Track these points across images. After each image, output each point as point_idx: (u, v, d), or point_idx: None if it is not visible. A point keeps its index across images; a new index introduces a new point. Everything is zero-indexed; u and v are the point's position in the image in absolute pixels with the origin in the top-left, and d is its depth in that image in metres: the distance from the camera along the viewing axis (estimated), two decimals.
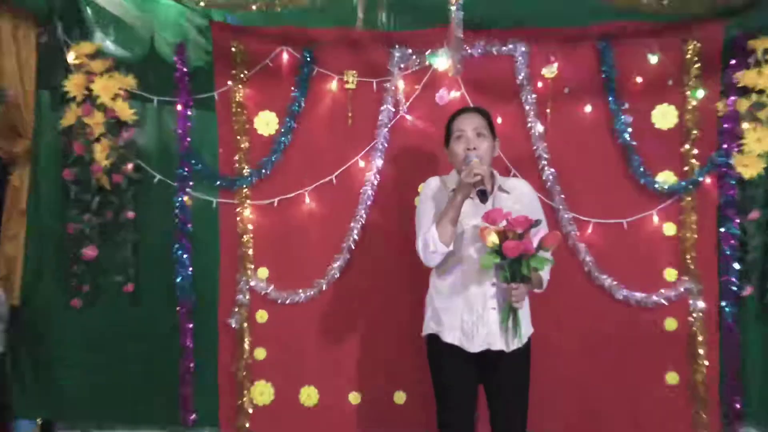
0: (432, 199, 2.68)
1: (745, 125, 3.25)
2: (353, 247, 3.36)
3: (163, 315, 3.37)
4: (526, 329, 2.67)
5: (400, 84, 3.33)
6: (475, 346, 2.58)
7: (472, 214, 2.62)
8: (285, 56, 3.35)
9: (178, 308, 3.34)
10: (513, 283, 2.48)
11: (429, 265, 2.65)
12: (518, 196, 2.70)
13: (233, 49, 3.33)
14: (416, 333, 2.81)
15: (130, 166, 3.32)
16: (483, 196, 2.46)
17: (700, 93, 3.29)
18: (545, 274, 2.68)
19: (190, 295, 3.34)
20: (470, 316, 2.59)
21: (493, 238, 2.44)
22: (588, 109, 3.34)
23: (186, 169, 3.36)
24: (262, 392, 3.39)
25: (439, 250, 2.53)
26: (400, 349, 3.32)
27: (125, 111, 3.31)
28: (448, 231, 2.52)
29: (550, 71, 3.33)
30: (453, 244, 2.56)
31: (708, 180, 3.30)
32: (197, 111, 3.37)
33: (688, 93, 3.30)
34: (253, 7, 3.05)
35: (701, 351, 3.30)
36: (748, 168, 3.25)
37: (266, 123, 3.38)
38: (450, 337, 2.62)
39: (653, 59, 3.28)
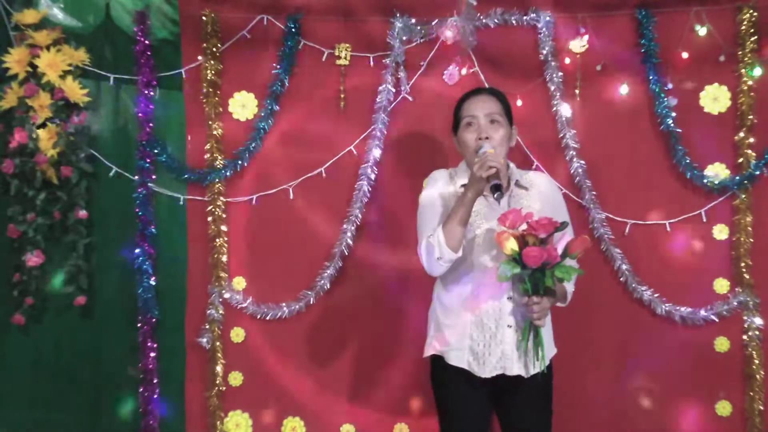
0: (438, 195, 2.48)
1: None
2: (346, 253, 3.15)
3: (121, 333, 3.19)
4: (549, 350, 2.46)
5: (402, 60, 3.12)
6: (486, 371, 2.40)
7: (486, 215, 2.42)
8: (265, 26, 3.14)
9: (138, 325, 3.14)
10: (535, 297, 2.29)
11: (433, 274, 2.45)
12: (538, 193, 2.51)
13: (204, 18, 3.12)
14: (421, 355, 2.65)
15: (81, 156, 3.13)
16: (497, 191, 2.26)
17: (758, 71, 3.05)
18: (570, 285, 2.48)
19: (153, 309, 3.15)
20: (481, 334, 2.41)
21: (512, 245, 2.23)
22: (624, 89, 3.12)
23: (148, 159, 3.15)
24: (238, 424, 3.20)
25: (445, 257, 2.33)
26: (402, 373, 3.15)
27: (76, 91, 3.12)
28: (457, 234, 2.31)
29: (579, 45, 3.10)
30: (462, 250, 2.36)
31: (766, 174, 3.07)
32: (161, 91, 3.18)
33: (743, 71, 3.07)
34: None
35: (758, 376, 3.09)
36: None
37: (243, 105, 3.18)
38: (457, 359, 2.44)
39: (702, 31, 3.05)
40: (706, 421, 3.16)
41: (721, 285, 3.14)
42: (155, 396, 3.16)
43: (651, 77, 3.09)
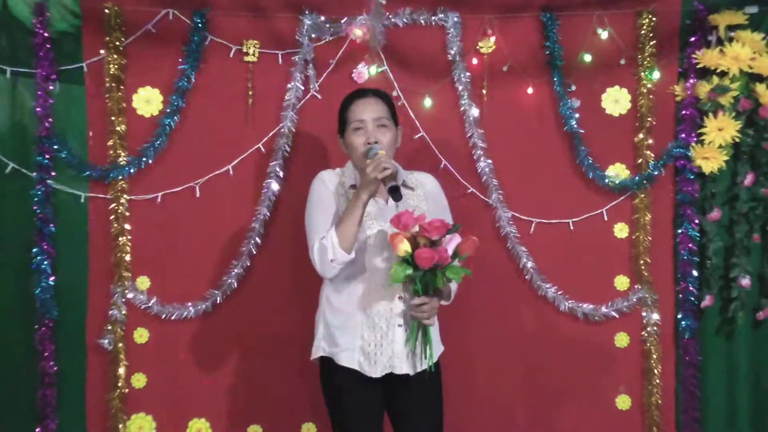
0: (328, 196, 2.49)
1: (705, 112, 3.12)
2: (254, 252, 3.12)
3: (17, 335, 3.06)
4: (436, 348, 2.51)
5: (311, 57, 3.11)
6: (377, 370, 2.42)
7: (377, 215, 2.45)
8: (171, 20, 3.07)
9: (36, 326, 3.03)
10: (425, 297, 2.33)
11: (326, 276, 2.46)
12: (425, 193, 2.56)
13: (106, 11, 3.03)
14: None
15: None
16: (395, 193, 2.28)
17: (656, 75, 3.14)
18: (454, 284, 2.50)
19: (52, 310, 3.04)
20: (372, 334, 2.43)
21: (405, 247, 2.27)
22: (530, 90, 3.17)
23: (47, 156, 3.04)
24: (141, 427, 3.13)
25: (339, 259, 2.35)
26: (310, 373, 2.96)
27: None
28: (351, 235, 2.34)
29: (486, 45, 3.14)
30: (354, 252, 2.39)
31: (664, 174, 3.17)
32: (62, 85, 3.07)
33: (643, 74, 3.15)
34: None
35: (656, 371, 3.18)
36: (708, 161, 3.10)
37: (148, 101, 3.11)
38: (347, 359, 2.45)
39: (603, 35, 3.13)
40: (608, 415, 3.22)
41: (622, 282, 3.21)
42: (53, 399, 3.06)
43: (555, 79, 3.14)
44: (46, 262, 3.04)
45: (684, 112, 3.16)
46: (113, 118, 3.08)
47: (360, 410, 2.46)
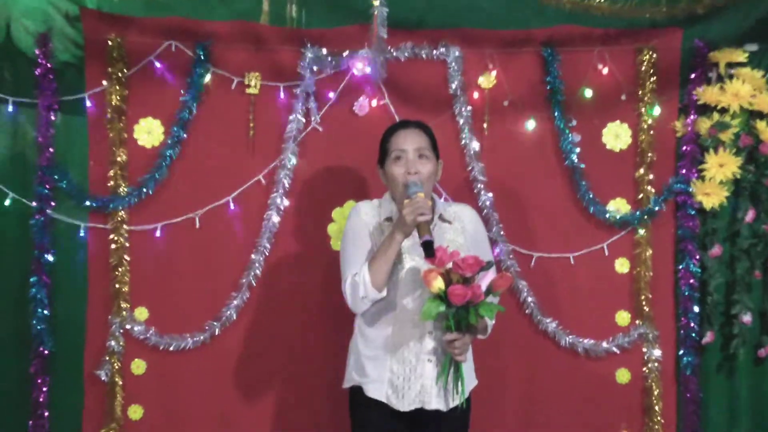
0: (364, 229, 2.49)
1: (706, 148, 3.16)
2: (254, 284, 3.13)
3: (11, 365, 3.07)
4: (469, 383, 2.50)
5: (312, 90, 3.13)
6: (405, 404, 2.41)
7: (409, 249, 2.44)
8: (173, 52, 3.11)
9: (30, 357, 3.03)
10: (457, 333, 2.32)
11: (357, 311, 2.48)
12: (462, 228, 2.55)
13: (109, 43, 3.06)
14: (328, 387, 2.74)
15: None
16: (428, 249, 2.26)
17: (657, 110, 3.19)
18: (490, 319, 2.51)
19: (48, 341, 3.04)
20: (401, 368, 2.43)
21: (439, 284, 2.27)
22: (531, 125, 3.20)
23: (47, 185, 3.06)
24: None
25: (370, 296, 2.37)
26: (307, 405, 3.14)
27: None
28: (383, 274, 2.36)
29: (487, 80, 3.18)
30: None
31: (665, 210, 3.20)
32: (63, 116, 3.10)
33: (643, 110, 3.19)
34: None
35: (657, 407, 3.18)
36: (709, 197, 3.15)
37: (149, 132, 3.13)
38: (376, 391, 2.45)
39: (604, 70, 3.17)
40: None
41: (623, 317, 3.22)
42: (46, 430, 3.04)
43: (556, 113, 3.18)
44: (43, 292, 3.05)
45: (684, 147, 3.20)
46: (114, 149, 3.10)
47: None
